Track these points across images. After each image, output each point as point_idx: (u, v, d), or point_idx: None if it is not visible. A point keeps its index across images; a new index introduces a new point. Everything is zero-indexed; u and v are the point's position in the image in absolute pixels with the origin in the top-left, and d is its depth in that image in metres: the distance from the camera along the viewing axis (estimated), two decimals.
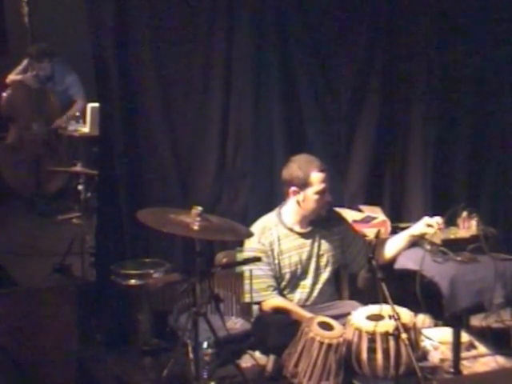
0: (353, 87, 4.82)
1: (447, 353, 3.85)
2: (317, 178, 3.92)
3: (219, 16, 4.51)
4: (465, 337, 3.93)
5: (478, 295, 3.78)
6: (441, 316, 4.02)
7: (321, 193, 3.93)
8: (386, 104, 4.86)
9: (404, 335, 3.40)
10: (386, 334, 3.55)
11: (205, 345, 3.61)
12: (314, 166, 3.93)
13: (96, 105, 5.68)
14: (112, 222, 4.46)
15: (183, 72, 4.52)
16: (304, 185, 3.92)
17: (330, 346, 3.58)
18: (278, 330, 3.76)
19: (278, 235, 3.99)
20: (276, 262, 3.98)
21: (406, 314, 3.64)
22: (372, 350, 3.58)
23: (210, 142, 4.60)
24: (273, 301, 3.93)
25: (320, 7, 4.68)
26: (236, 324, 4.12)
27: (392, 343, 3.54)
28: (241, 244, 4.10)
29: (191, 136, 4.58)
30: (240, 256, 4.13)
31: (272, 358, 3.74)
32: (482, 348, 3.99)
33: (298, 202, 3.95)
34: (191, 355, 3.45)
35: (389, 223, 4.49)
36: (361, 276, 4.24)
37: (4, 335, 3.60)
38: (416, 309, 3.82)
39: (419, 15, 4.79)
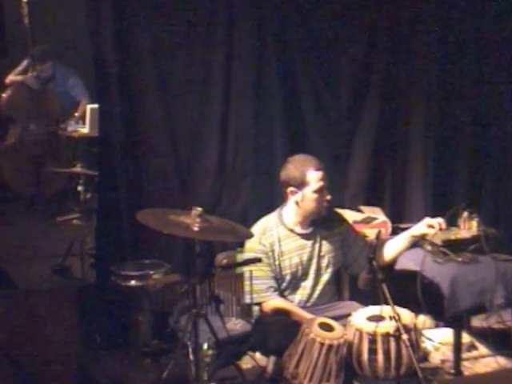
0: (353, 88, 4.82)
1: (448, 354, 3.86)
2: (314, 176, 3.88)
3: (220, 16, 4.52)
4: (466, 337, 3.93)
5: (478, 296, 3.78)
6: (442, 317, 4.02)
7: (319, 191, 3.89)
8: (387, 104, 4.86)
9: (405, 336, 3.39)
10: (386, 335, 3.54)
11: (205, 346, 3.61)
12: (310, 165, 3.89)
13: (95, 106, 5.69)
14: (112, 223, 4.46)
15: (183, 72, 4.52)
16: (301, 184, 3.89)
17: (330, 347, 3.57)
18: (279, 331, 3.75)
19: (278, 236, 3.97)
20: (276, 263, 3.96)
21: (406, 315, 3.63)
22: (373, 351, 3.57)
23: (210, 142, 4.60)
24: (273, 302, 3.92)
25: (320, 9, 4.68)
26: (236, 325, 4.12)
27: (393, 344, 3.53)
28: (241, 245, 4.09)
29: (191, 136, 4.59)
30: (240, 257, 4.13)
31: (272, 359, 3.74)
32: (482, 349, 3.99)
33: (297, 203, 3.92)
34: (191, 356, 3.45)
35: (389, 224, 4.49)
36: (361, 277, 4.22)
37: (4, 337, 3.59)
38: (417, 310, 3.81)
39: (419, 15, 4.79)
